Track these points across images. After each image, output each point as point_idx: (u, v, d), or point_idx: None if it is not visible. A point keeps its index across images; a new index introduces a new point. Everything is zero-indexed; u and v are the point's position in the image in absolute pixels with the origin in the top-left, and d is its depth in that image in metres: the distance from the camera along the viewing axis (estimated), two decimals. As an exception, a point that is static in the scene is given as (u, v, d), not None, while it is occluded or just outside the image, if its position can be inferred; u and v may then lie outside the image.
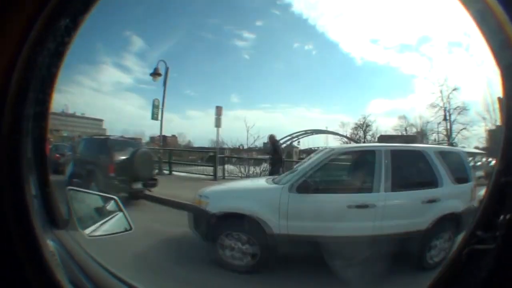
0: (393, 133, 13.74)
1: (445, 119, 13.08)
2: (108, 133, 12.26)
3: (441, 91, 12.78)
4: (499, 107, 1.08)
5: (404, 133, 13.58)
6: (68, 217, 1.61)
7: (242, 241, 4.44)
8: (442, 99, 12.83)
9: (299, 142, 14.72)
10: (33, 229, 1.03)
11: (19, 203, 0.99)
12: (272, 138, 10.01)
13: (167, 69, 11.32)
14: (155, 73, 11.33)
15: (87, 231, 1.80)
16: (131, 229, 1.99)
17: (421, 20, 12.19)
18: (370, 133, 13.86)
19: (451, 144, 11.86)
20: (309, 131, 15.09)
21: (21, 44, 0.93)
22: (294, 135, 15.22)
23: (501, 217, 0.99)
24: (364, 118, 13.41)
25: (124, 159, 8.63)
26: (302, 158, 12.99)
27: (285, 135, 14.24)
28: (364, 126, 13.69)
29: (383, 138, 13.87)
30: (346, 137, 14.72)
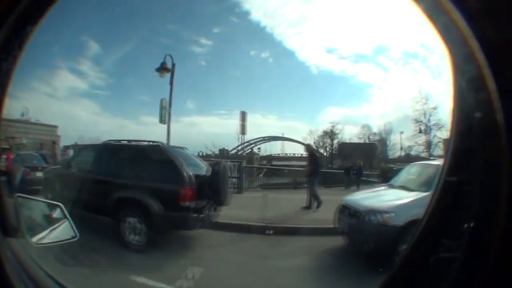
0: (357, 140, 14.26)
1: (420, 132, 13.79)
2: (61, 140, 11.68)
3: (424, 109, 13.52)
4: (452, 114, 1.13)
5: (367, 140, 14.17)
6: (17, 225, 1.60)
7: None
8: (425, 115, 13.56)
9: (259, 148, 14.95)
10: None
11: None
12: (309, 147, 9.87)
13: (173, 65, 10.63)
14: (162, 68, 10.53)
15: (35, 238, 1.81)
16: (76, 236, 2.02)
17: (378, 31, 12.95)
18: (336, 140, 14.32)
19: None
20: (266, 138, 15.43)
21: None
22: (253, 141, 15.47)
23: (465, 225, 1.01)
24: (333, 126, 13.85)
25: (204, 178, 6.42)
26: (263, 164, 13.25)
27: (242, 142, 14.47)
28: (331, 134, 14.11)
29: (344, 146, 14.31)
30: (301, 143, 15.17)
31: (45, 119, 11.79)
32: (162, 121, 11.00)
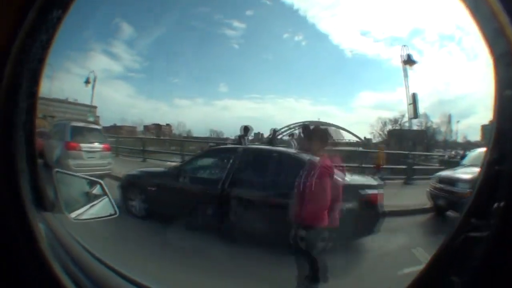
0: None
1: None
2: (101, 121, 12.21)
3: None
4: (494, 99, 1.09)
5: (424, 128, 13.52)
6: (54, 200, 1.61)
7: None
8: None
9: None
10: (26, 214, 1.06)
11: (13, 190, 1.02)
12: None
13: None
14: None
15: (73, 214, 1.83)
16: (115, 213, 2.04)
17: (413, 12, 12.15)
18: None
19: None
20: (306, 122, 15.14)
21: (13, 37, 0.94)
22: (292, 126, 15.25)
23: (495, 205, 1.00)
24: (402, 115, 13.32)
25: None
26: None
27: (283, 126, 14.40)
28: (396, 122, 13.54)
29: (394, 133, 13.78)
30: (346, 130, 14.77)
31: (82, 100, 12.35)
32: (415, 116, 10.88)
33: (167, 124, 14.15)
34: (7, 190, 1.01)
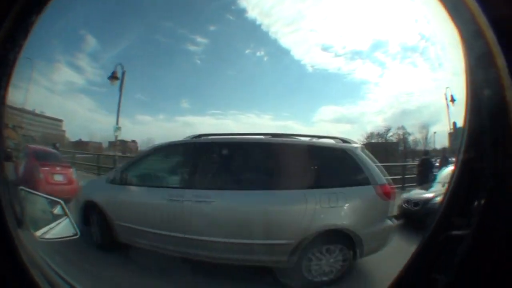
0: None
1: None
2: (68, 135, 11.87)
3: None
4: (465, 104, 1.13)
5: (402, 140, 13.96)
6: (21, 217, 1.57)
7: None
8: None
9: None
10: (8, 227, 1.05)
11: None
12: None
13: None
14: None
15: (39, 233, 1.82)
16: (76, 235, 2.02)
17: (375, 25, 12.71)
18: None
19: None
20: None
21: None
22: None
23: (475, 203, 1.02)
24: (387, 129, 13.66)
25: None
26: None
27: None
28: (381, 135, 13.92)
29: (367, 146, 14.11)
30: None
31: (47, 112, 11.97)
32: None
33: (133, 141, 13.90)
34: None
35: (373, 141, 13.90)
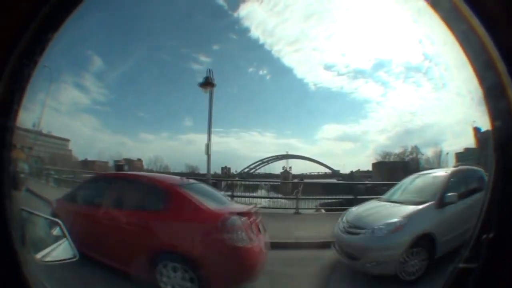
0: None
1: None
2: (75, 154, 11.98)
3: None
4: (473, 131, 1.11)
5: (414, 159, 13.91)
6: (23, 239, 1.55)
7: None
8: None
9: (290, 167, 15.08)
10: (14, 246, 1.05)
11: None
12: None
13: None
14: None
15: (39, 255, 1.78)
16: (75, 257, 1.95)
17: (378, 45, 12.79)
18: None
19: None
20: (279, 156, 15.66)
21: (8, 56, 0.95)
22: (265, 160, 15.72)
23: (484, 236, 0.99)
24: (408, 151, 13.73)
25: None
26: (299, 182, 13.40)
27: (256, 160, 14.78)
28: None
29: (379, 165, 14.06)
30: (318, 162, 15.14)
31: (54, 132, 12.24)
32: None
33: (138, 159, 14.11)
34: None
35: (385, 160, 13.84)
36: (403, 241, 4.69)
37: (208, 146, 10.53)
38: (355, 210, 5.94)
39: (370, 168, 14.44)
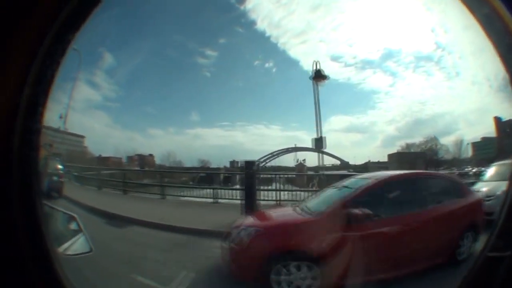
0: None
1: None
2: (90, 151, 12.14)
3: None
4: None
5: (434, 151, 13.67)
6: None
7: None
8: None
9: (304, 160, 14.99)
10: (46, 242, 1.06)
11: (31, 217, 1.01)
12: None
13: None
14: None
15: (60, 249, 1.80)
16: (91, 251, 1.98)
17: (387, 34, 12.51)
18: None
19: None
20: (290, 149, 15.60)
21: (32, 58, 0.96)
22: (275, 153, 15.63)
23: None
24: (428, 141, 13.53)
25: None
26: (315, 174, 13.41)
27: (267, 153, 14.68)
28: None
29: (395, 156, 13.90)
30: (327, 154, 14.99)
31: (69, 129, 12.43)
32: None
33: (150, 154, 14.24)
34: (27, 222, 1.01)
35: (405, 151, 13.63)
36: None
37: (321, 140, 10.33)
38: None
39: (381, 159, 14.32)
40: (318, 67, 10.54)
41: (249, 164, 8.67)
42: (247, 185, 8.43)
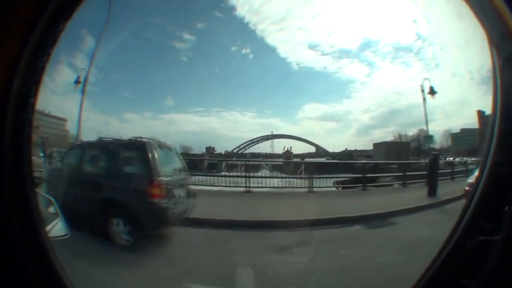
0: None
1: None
2: (70, 135, 11.97)
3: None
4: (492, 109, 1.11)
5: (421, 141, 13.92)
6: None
7: None
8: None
9: (290, 147, 15.05)
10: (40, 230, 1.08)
11: (24, 206, 1.01)
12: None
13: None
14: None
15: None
16: (67, 234, 1.98)
17: (366, 25, 12.64)
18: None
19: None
20: (269, 136, 15.73)
21: (22, 49, 0.95)
22: (255, 140, 15.77)
23: (506, 208, 0.99)
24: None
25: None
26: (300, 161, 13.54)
27: (246, 140, 14.73)
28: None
29: (379, 145, 14.13)
30: (306, 141, 15.17)
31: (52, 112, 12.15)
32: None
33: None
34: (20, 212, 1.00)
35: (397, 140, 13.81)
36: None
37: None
38: None
39: (359, 148, 14.53)
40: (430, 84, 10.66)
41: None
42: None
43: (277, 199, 8.97)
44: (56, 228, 1.96)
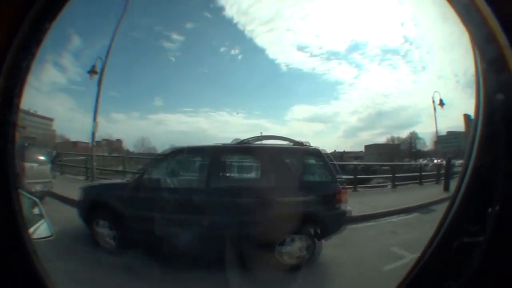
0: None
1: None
2: (57, 134, 11.83)
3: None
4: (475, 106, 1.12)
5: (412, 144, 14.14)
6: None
7: None
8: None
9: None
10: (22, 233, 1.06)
11: (7, 210, 1.01)
12: None
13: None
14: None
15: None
16: (52, 236, 1.98)
17: (355, 27, 12.79)
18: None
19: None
20: (260, 137, 15.87)
21: (6, 50, 0.94)
22: (246, 140, 16.11)
23: (489, 209, 1.00)
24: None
25: None
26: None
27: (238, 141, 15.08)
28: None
29: (370, 148, 14.27)
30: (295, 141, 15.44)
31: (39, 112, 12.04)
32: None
33: (118, 139, 14.04)
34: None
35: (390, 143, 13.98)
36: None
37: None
38: None
39: (347, 149, 14.71)
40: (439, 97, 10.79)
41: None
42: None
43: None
44: (41, 229, 1.95)
